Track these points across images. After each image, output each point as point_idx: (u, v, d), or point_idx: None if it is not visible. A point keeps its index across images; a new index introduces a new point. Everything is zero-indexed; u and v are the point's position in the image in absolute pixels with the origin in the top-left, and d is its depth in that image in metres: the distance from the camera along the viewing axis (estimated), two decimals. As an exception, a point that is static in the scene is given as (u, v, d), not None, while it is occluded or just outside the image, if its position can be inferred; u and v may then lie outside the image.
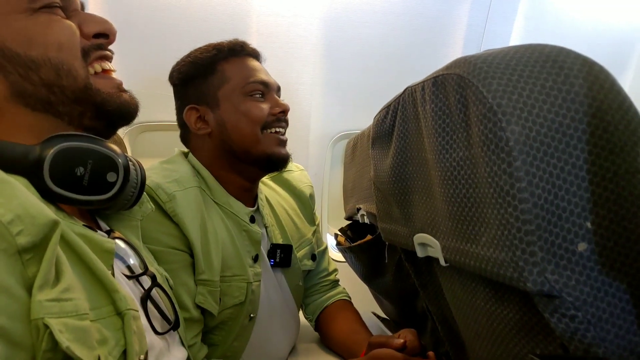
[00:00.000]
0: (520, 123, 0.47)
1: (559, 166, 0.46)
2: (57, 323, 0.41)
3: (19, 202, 0.42)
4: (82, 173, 0.55)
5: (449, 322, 0.84)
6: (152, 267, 0.71)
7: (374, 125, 0.85)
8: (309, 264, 1.20)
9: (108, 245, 0.56)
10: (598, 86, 0.47)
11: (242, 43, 1.06)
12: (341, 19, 1.53)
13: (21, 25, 0.55)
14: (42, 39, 0.56)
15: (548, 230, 0.46)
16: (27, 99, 0.56)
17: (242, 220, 1.01)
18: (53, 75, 0.56)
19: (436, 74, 0.60)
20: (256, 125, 1.00)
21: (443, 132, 0.59)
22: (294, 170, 1.28)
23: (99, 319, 0.48)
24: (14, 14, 0.55)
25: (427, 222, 0.69)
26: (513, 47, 0.53)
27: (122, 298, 0.52)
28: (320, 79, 1.61)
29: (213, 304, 0.92)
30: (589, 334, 0.46)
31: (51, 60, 0.56)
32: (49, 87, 0.56)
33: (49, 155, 0.53)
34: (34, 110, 0.56)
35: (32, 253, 0.42)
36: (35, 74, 0.55)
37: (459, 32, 1.60)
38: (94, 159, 0.56)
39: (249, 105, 1.01)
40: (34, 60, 0.55)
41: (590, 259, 0.46)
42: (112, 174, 0.57)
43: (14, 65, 0.54)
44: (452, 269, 0.69)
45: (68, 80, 0.57)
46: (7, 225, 0.40)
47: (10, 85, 0.55)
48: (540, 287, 0.46)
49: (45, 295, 0.41)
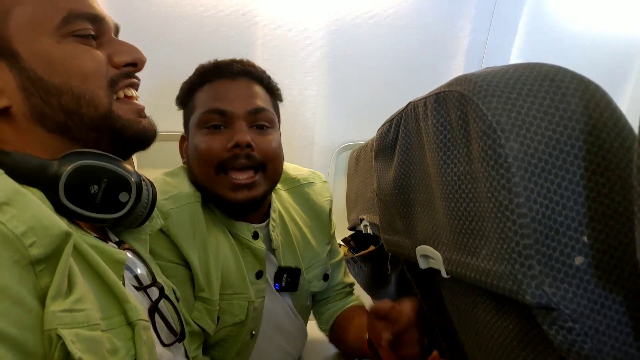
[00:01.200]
0: (519, 140, 0.49)
1: (556, 182, 0.48)
2: (69, 334, 0.42)
3: (32, 214, 0.43)
4: (95, 191, 0.56)
5: (450, 332, 0.85)
6: (160, 278, 0.71)
7: (377, 139, 0.86)
8: (318, 285, 1.12)
9: (119, 256, 0.57)
10: (594, 104, 0.49)
11: (224, 63, 0.95)
12: (346, 32, 1.55)
13: (49, 51, 0.55)
14: (67, 68, 0.56)
15: (546, 244, 0.48)
16: (45, 121, 0.56)
17: (243, 238, 0.96)
18: (73, 103, 0.57)
19: (438, 90, 0.62)
20: (208, 164, 0.89)
21: (444, 147, 0.61)
22: (316, 182, 1.18)
23: (110, 329, 0.49)
24: (44, 37, 0.55)
25: (429, 234, 0.70)
26: (512, 66, 0.55)
27: (133, 308, 0.53)
28: (325, 90, 1.62)
29: (209, 322, 0.90)
30: (586, 346, 0.47)
31: (73, 89, 0.56)
32: (68, 114, 0.57)
33: (65, 171, 0.54)
34: (51, 132, 0.57)
35: (44, 264, 0.43)
36: (56, 100, 0.56)
37: (462, 46, 1.61)
38: (109, 178, 0.57)
39: (200, 140, 0.90)
40: (56, 87, 0.56)
41: (587, 272, 0.47)
42: (125, 194, 0.58)
43: (36, 88, 0.55)
44: (453, 281, 0.70)
45: (88, 109, 0.58)
46: (20, 237, 0.41)
47: (31, 106, 0.56)
48: (538, 299, 0.48)
49: (58, 306, 0.42)
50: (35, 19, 0.55)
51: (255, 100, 0.93)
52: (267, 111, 0.94)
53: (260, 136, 0.92)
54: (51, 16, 0.56)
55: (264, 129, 0.93)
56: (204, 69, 0.96)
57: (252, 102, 0.92)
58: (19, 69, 0.55)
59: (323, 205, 1.16)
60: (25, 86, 0.55)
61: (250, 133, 0.91)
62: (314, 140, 1.66)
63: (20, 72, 0.55)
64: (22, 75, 0.55)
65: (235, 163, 0.89)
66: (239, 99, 0.91)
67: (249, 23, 1.48)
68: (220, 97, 0.91)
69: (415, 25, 1.57)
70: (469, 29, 1.59)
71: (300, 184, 1.15)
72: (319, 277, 1.13)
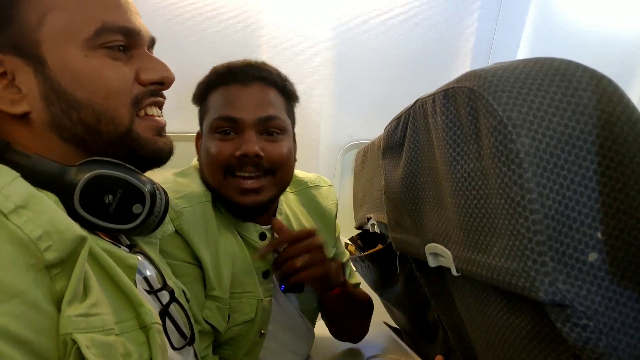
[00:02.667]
0: (530, 135, 0.48)
1: (569, 177, 0.47)
2: (84, 338, 0.42)
3: (48, 218, 0.43)
4: (110, 201, 0.55)
5: (460, 331, 0.84)
6: (170, 280, 0.71)
7: (384, 136, 0.86)
8: None
9: (131, 261, 0.56)
10: (606, 98, 0.48)
11: (234, 67, 0.95)
12: (351, 31, 1.55)
13: (76, 64, 0.55)
14: (92, 84, 0.55)
15: (559, 240, 0.47)
16: (62, 131, 0.56)
17: (250, 239, 0.98)
18: (93, 119, 0.56)
19: (447, 86, 0.61)
20: (217, 167, 0.91)
21: (454, 143, 0.61)
22: (322, 185, 1.19)
23: (123, 333, 0.49)
24: (74, 47, 0.55)
25: (439, 232, 0.70)
26: (522, 61, 0.54)
27: (147, 312, 0.52)
28: (330, 89, 1.62)
29: (220, 321, 0.91)
30: (601, 344, 0.46)
31: (95, 106, 0.56)
32: (86, 128, 0.56)
33: (82, 179, 0.53)
34: (66, 142, 0.57)
35: (59, 268, 0.43)
36: (76, 113, 0.55)
37: (468, 43, 1.61)
38: (124, 189, 0.56)
39: (211, 145, 0.92)
40: (77, 101, 0.55)
41: (601, 268, 0.47)
42: (138, 206, 0.58)
43: (58, 99, 0.55)
44: (463, 279, 0.70)
45: (108, 126, 0.57)
46: (35, 241, 0.41)
47: (50, 115, 0.55)
48: (552, 297, 0.47)
49: (73, 311, 0.42)
50: (68, 27, 0.54)
51: (266, 108, 0.92)
52: (279, 119, 0.94)
53: (270, 143, 0.93)
54: (84, 26, 0.55)
55: (274, 136, 0.94)
56: (218, 71, 0.96)
57: (263, 110, 0.92)
58: (44, 76, 0.54)
59: (329, 207, 1.17)
60: (47, 95, 0.55)
61: (260, 140, 0.91)
62: (320, 139, 1.66)
63: (44, 81, 0.54)
64: (46, 84, 0.54)
65: (242, 169, 0.90)
66: (250, 106, 0.91)
67: (254, 23, 1.48)
68: (232, 104, 0.92)
69: (421, 24, 1.57)
70: (475, 27, 1.59)
71: (308, 186, 1.16)
72: None
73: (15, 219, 0.41)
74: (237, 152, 0.89)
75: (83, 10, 0.55)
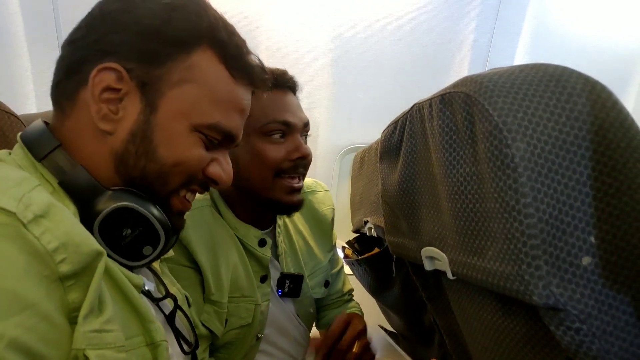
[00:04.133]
0: (525, 140, 0.49)
1: (563, 182, 0.48)
2: (96, 355, 0.42)
3: (65, 229, 0.43)
4: (127, 234, 0.56)
5: (456, 335, 0.85)
6: (174, 287, 0.72)
7: (381, 140, 0.86)
8: (320, 291, 1.15)
9: (137, 280, 0.57)
10: (600, 104, 0.49)
11: (278, 74, 0.97)
12: (349, 35, 1.56)
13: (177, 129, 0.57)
14: (174, 149, 0.57)
15: (553, 244, 0.47)
16: (121, 166, 0.57)
17: (249, 245, 0.98)
18: (154, 174, 0.57)
19: (443, 91, 0.62)
20: (269, 170, 0.93)
21: (450, 148, 0.61)
22: (318, 190, 1.22)
23: (130, 350, 0.50)
24: (183, 119, 0.57)
25: (435, 236, 0.70)
26: (518, 67, 0.55)
27: (157, 329, 0.53)
28: (328, 93, 1.63)
29: (217, 325, 0.91)
30: (594, 347, 0.47)
31: (164, 166, 0.57)
32: (143, 176, 0.57)
33: (110, 207, 0.54)
34: (114, 173, 0.57)
35: (73, 280, 0.43)
36: (144, 161, 0.56)
37: (465, 48, 1.62)
38: (144, 228, 0.57)
39: (264, 147, 0.93)
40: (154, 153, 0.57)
41: (595, 272, 0.47)
42: (149, 248, 0.58)
43: (141, 143, 0.56)
44: (459, 282, 0.70)
45: (157, 185, 0.58)
46: (51, 253, 0.41)
47: (124, 149, 0.56)
48: (545, 300, 0.47)
49: (89, 326, 0.43)
50: (192, 105, 0.57)
51: (304, 114, 0.99)
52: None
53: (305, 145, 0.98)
54: (203, 115, 0.58)
55: (304, 138, 0.99)
56: None
57: (304, 115, 0.99)
58: (146, 118, 0.56)
59: (326, 213, 1.19)
60: (136, 133, 0.56)
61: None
62: (318, 143, 1.67)
63: (144, 122, 0.56)
64: (143, 126, 0.56)
65: (296, 171, 0.95)
66: (297, 111, 0.97)
67: (252, 26, 1.49)
68: (284, 109, 0.95)
69: (419, 29, 1.58)
70: (473, 33, 1.60)
71: (304, 191, 1.17)
72: (321, 284, 1.15)
73: (34, 229, 0.41)
74: (294, 154, 0.93)
75: (210, 102, 0.59)
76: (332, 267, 1.22)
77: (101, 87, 0.54)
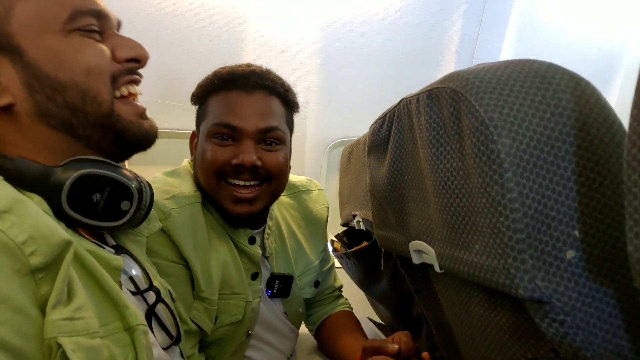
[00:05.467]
0: (511, 136, 0.49)
1: (548, 177, 0.48)
2: (69, 342, 0.42)
3: (32, 223, 0.43)
4: (98, 199, 0.55)
5: (444, 326, 0.86)
6: (156, 280, 0.71)
7: (369, 135, 0.87)
8: (310, 291, 1.14)
9: (116, 262, 0.56)
10: (584, 100, 0.49)
11: (238, 73, 0.92)
12: (337, 28, 1.55)
13: (53, 46, 0.54)
14: (72, 62, 0.55)
15: (538, 238, 0.48)
16: (50, 119, 0.55)
17: (239, 242, 0.97)
18: (78, 100, 0.56)
19: (430, 87, 0.62)
20: (210, 172, 0.90)
21: (437, 143, 0.61)
22: (312, 189, 1.20)
23: (107, 336, 0.49)
24: (48, 33, 0.54)
25: (422, 230, 0.71)
26: (504, 62, 0.55)
27: (132, 314, 0.52)
28: (316, 86, 1.63)
29: (207, 322, 0.91)
30: (578, 338, 0.48)
31: (78, 85, 0.55)
32: (73, 111, 0.56)
33: (69, 179, 0.53)
34: (54, 130, 0.56)
35: (44, 272, 0.43)
36: (61, 97, 0.55)
37: (453, 42, 1.62)
38: (111, 187, 0.56)
39: (208, 148, 0.91)
40: (61, 83, 0.55)
41: (579, 265, 0.48)
42: (126, 203, 0.58)
43: (41, 86, 0.54)
44: (446, 276, 0.71)
45: (92, 106, 0.57)
46: (20, 246, 0.41)
47: (35, 103, 0.55)
48: (530, 293, 0.48)
49: (58, 315, 0.42)
50: (40, 15, 0.54)
51: (267, 119, 0.91)
52: (278, 129, 0.93)
53: (268, 152, 0.92)
54: (57, 13, 0.55)
55: (272, 145, 0.93)
56: (220, 74, 0.94)
57: (264, 120, 0.91)
58: (23, 65, 0.54)
59: (320, 212, 1.18)
60: (29, 83, 0.54)
61: (258, 149, 0.91)
62: (306, 137, 1.67)
63: (24, 68, 0.54)
64: (27, 72, 0.54)
65: (237, 177, 0.90)
66: (252, 115, 0.90)
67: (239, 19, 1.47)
68: (233, 111, 0.90)
69: (407, 22, 1.58)
70: (460, 26, 1.61)
71: (299, 190, 1.17)
72: (311, 284, 1.14)
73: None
74: (234, 160, 0.88)
75: (50, 1, 0.55)
76: (323, 265, 1.21)
77: None
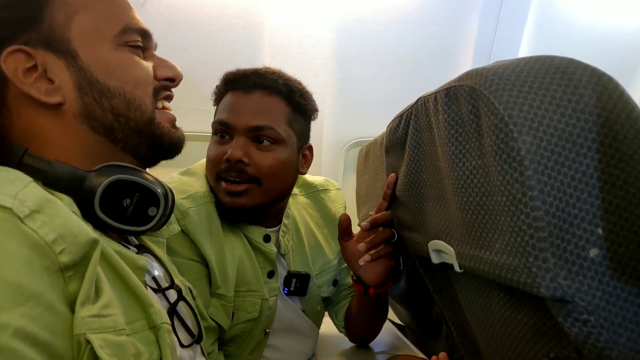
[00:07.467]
0: (532, 133, 0.49)
1: (569, 174, 0.48)
2: (97, 338, 0.43)
3: (61, 222, 0.45)
4: (127, 204, 0.58)
5: (463, 327, 0.85)
6: (177, 279, 0.73)
7: (387, 134, 0.86)
8: (328, 290, 1.14)
9: (140, 262, 0.58)
10: (607, 96, 0.48)
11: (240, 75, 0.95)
12: (353, 29, 1.55)
13: (105, 55, 0.59)
14: (122, 74, 0.60)
15: (560, 236, 0.48)
16: (93, 121, 0.59)
17: (254, 240, 0.98)
18: (124, 106, 0.60)
19: (448, 85, 0.62)
20: (210, 170, 0.95)
21: (456, 141, 0.61)
22: (330, 189, 1.21)
23: (133, 333, 0.50)
24: (101, 43, 0.59)
25: (442, 229, 0.71)
26: (523, 59, 0.55)
27: (157, 312, 0.54)
28: (332, 87, 1.63)
29: (225, 318, 0.92)
30: (602, 338, 0.47)
31: (126, 94, 0.60)
32: (116, 116, 0.60)
33: (103, 184, 0.56)
34: (95, 133, 0.59)
35: (73, 270, 0.44)
36: (108, 102, 0.59)
37: (470, 40, 1.61)
38: (141, 193, 0.59)
39: (209, 147, 0.96)
40: (110, 90, 0.59)
41: (602, 264, 0.47)
42: (153, 209, 0.60)
43: (91, 89, 0.58)
44: (466, 275, 0.70)
45: (135, 113, 0.61)
46: (50, 244, 0.42)
47: (83, 105, 0.58)
48: (553, 292, 0.48)
49: (86, 312, 0.44)
50: (96, 26, 0.59)
51: (259, 117, 0.92)
52: (271, 129, 0.92)
53: (259, 151, 0.92)
54: (110, 26, 0.60)
55: (264, 144, 0.92)
56: (227, 77, 0.98)
57: (255, 118, 0.91)
58: (77, 68, 0.57)
59: (339, 211, 1.18)
60: (80, 85, 0.57)
61: (249, 147, 0.91)
62: (323, 137, 1.67)
63: (77, 71, 0.57)
64: (79, 75, 0.57)
65: (227, 174, 0.91)
66: (244, 113, 0.92)
67: (256, 22, 1.48)
68: (230, 110, 0.93)
69: (422, 21, 1.57)
70: (477, 23, 1.59)
71: (317, 189, 1.18)
72: (329, 282, 1.14)
73: (30, 223, 0.42)
74: (225, 155, 0.90)
75: (106, 13, 0.60)
76: (342, 263, 1.20)
77: (20, 73, 0.55)
